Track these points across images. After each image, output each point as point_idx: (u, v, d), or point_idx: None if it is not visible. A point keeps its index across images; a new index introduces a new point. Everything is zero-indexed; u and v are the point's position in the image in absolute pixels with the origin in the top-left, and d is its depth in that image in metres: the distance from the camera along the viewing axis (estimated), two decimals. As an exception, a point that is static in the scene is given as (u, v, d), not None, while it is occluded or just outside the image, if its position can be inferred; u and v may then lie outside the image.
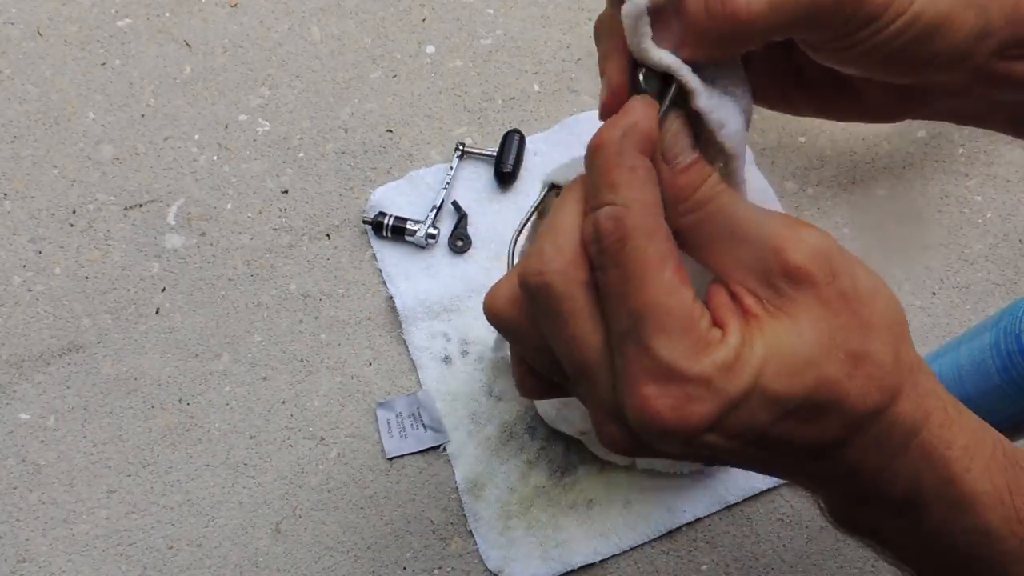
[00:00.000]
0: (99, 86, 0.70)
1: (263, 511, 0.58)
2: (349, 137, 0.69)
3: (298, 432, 0.60)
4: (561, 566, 0.56)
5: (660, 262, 0.26)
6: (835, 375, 0.26)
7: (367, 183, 0.67)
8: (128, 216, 0.66)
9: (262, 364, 0.61)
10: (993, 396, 0.47)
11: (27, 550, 0.57)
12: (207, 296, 0.63)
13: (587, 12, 0.73)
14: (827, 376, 0.26)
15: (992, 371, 0.47)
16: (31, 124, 0.69)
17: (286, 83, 0.71)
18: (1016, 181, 0.68)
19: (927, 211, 0.67)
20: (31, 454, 0.59)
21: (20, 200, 0.66)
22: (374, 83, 0.71)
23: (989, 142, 0.69)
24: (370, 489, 0.58)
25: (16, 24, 0.72)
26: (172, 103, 0.70)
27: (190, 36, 0.72)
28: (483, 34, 0.73)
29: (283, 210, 0.66)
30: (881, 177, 0.67)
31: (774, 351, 0.26)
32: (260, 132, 0.69)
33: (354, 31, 0.73)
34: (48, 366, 0.61)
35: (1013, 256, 0.65)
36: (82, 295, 0.63)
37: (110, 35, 0.72)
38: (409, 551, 0.57)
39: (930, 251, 0.65)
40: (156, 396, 0.60)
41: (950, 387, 0.50)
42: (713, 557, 0.56)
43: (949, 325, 0.63)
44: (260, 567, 0.56)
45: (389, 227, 0.64)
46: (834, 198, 0.66)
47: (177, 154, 0.68)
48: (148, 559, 0.56)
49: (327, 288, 0.64)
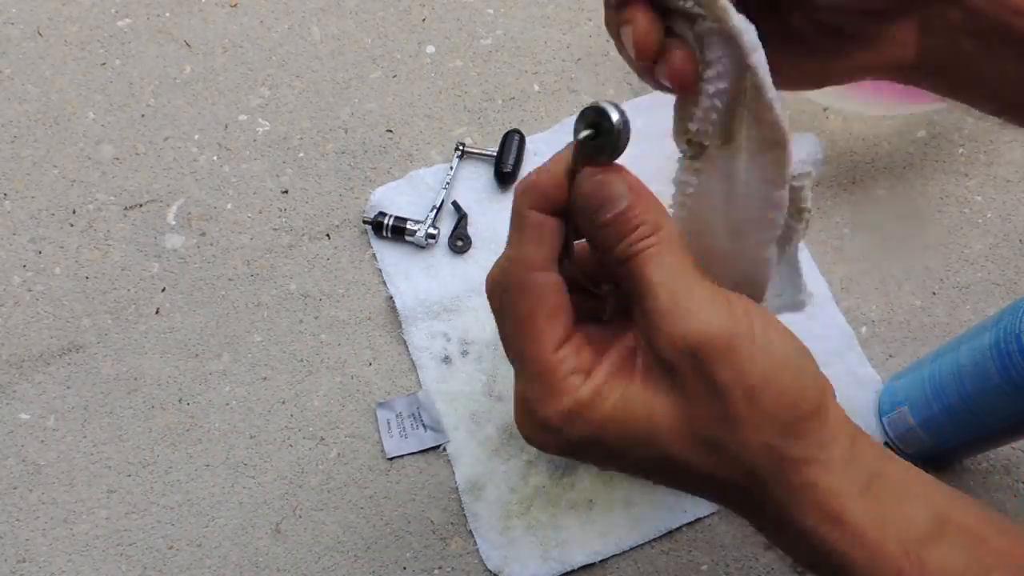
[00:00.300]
0: (99, 86, 0.70)
1: (263, 511, 0.58)
2: (349, 137, 0.69)
3: (298, 432, 0.60)
4: (561, 566, 0.56)
5: (529, 315, 0.29)
6: (679, 455, 0.28)
7: (367, 183, 0.67)
8: (128, 216, 0.66)
9: (262, 364, 0.61)
10: (992, 396, 0.47)
11: (27, 550, 0.57)
12: (207, 296, 0.63)
13: (587, 12, 0.73)
14: (670, 455, 0.28)
15: (992, 371, 0.47)
16: (31, 124, 0.69)
17: (286, 83, 0.71)
18: (1016, 181, 0.68)
19: (927, 211, 0.67)
20: (31, 454, 0.59)
21: (20, 200, 0.66)
22: (374, 83, 0.71)
23: (989, 142, 0.69)
24: (370, 489, 0.58)
25: (16, 24, 0.72)
26: (172, 103, 0.70)
27: (190, 36, 0.72)
28: (483, 34, 0.73)
29: (283, 210, 0.66)
30: (881, 177, 0.67)
31: (622, 414, 0.28)
32: (260, 132, 0.69)
33: (354, 31, 0.73)
34: (48, 366, 0.61)
35: (1013, 256, 0.65)
36: (82, 295, 0.63)
37: (110, 35, 0.72)
38: (409, 551, 0.57)
39: (930, 251, 0.65)
40: (156, 396, 0.60)
41: (950, 387, 0.50)
42: (713, 557, 0.56)
43: (949, 325, 0.63)
44: (260, 567, 0.56)
45: (389, 227, 0.64)
46: (834, 198, 0.66)
47: (177, 154, 0.68)
48: (148, 559, 0.56)
49: (327, 288, 0.64)
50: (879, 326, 0.63)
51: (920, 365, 0.56)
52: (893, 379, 0.59)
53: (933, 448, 0.55)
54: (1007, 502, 0.58)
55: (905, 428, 0.56)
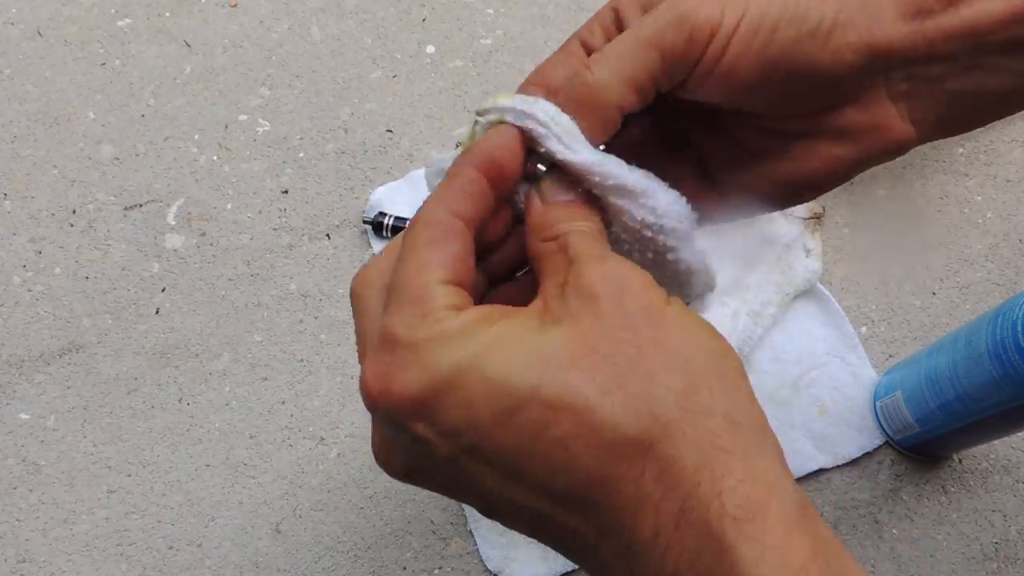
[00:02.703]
0: (99, 86, 0.70)
1: (263, 511, 0.58)
2: (349, 137, 0.69)
3: (298, 432, 0.60)
4: (561, 566, 0.56)
5: (426, 245, 0.25)
6: (580, 385, 0.22)
7: (367, 183, 0.67)
8: (128, 216, 0.66)
9: (262, 364, 0.61)
10: (987, 387, 0.48)
11: (27, 550, 0.57)
12: (207, 296, 0.63)
13: (587, 12, 0.73)
14: (568, 382, 0.22)
15: (986, 360, 0.47)
16: (31, 124, 0.69)
17: (286, 83, 0.71)
18: (1016, 181, 0.68)
19: (927, 211, 0.67)
20: (31, 454, 0.59)
21: (20, 200, 0.66)
22: (374, 83, 0.71)
23: (989, 142, 0.69)
24: (370, 489, 0.58)
25: (16, 24, 0.72)
26: (172, 103, 0.70)
27: (190, 36, 0.72)
28: (483, 34, 0.73)
29: (283, 210, 0.66)
30: (881, 177, 0.67)
31: (509, 339, 0.23)
32: (260, 132, 0.69)
33: (354, 31, 0.73)
34: (48, 366, 0.61)
35: (1013, 256, 0.65)
36: (82, 295, 0.63)
37: (110, 35, 0.72)
38: (409, 551, 0.57)
39: (930, 251, 0.65)
40: (156, 396, 0.60)
41: (946, 377, 0.51)
42: (713, 557, 0.56)
43: (949, 325, 0.63)
44: (260, 567, 0.56)
45: (389, 227, 0.64)
46: (834, 198, 0.66)
47: (177, 154, 0.68)
48: (148, 559, 0.56)
49: (327, 288, 0.64)
50: (879, 326, 0.63)
51: (917, 356, 0.56)
52: (890, 371, 0.60)
53: (924, 435, 0.55)
54: (1007, 502, 0.58)
55: (898, 415, 0.56)
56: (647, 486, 0.22)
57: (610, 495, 0.23)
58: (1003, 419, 0.49)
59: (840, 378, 0.61)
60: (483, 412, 0.23)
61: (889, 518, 0.58)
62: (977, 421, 0.51)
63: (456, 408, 0.23)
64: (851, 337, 0.62)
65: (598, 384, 0.23)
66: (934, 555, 0.58)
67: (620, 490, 0.22)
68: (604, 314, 0.24)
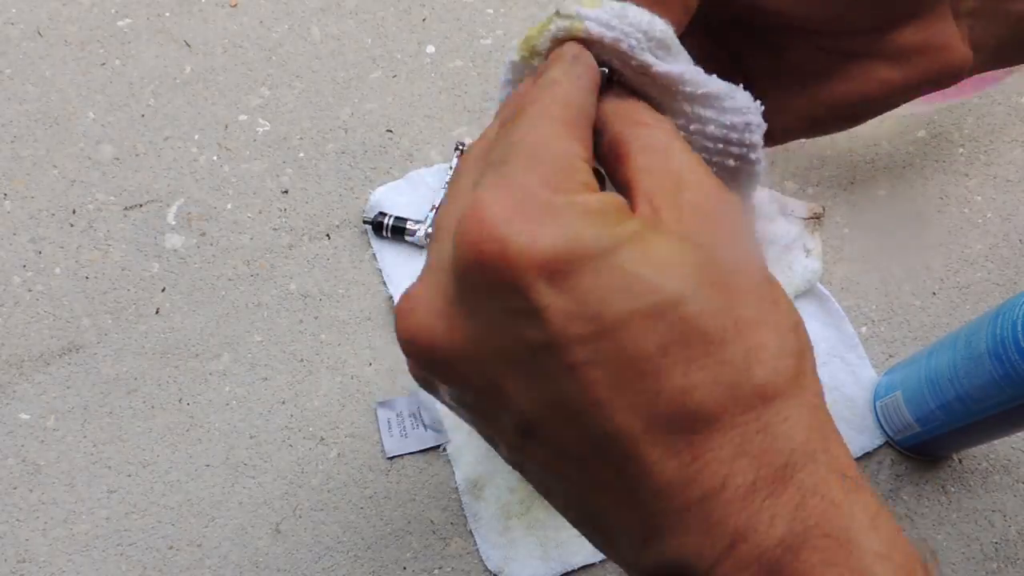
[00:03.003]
0: (99, 86, 0.70)
1: (263, 511, 0.58)
2: (349, 137, 0.69)
3: (298, 432, 0.60)
4: (561, 566, 0.56)
5: (563, 121, 0.22)
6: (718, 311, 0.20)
7: (367, 183, 0.67)
8: (128, 216, 0.66)
9: (262, 364, 0.61)
10: (987, 387, 0.48)
11: (27, 550, 0.57)
12: (207, 296, 0.63)
13: (587, 12, 0.73)
14: (706, 305, 0.20)
15: (986, 360, 0.48)
16: (31, 124, 0.69)
17: (286, 83, 0.71)
18: (1016, 181, 0.68)
19: (927, 211, 0.67)
20: (31, 454, 0.59)
21: (20, 200, 0.66)
22: (374, 83, 0.71)
23: (989, 142, 0.69)
24: (370, 489, 0.58)
25: (16, 24, 0.72)
26: (172, 103, 0.70)
27: (190, 36, 0.72)
28: (483, 34, 0.73)
29: (283, 210, 0.66)
30: (881, 177, 0.67)
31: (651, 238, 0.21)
32: (260, 132, 0.69)
33: (354, 31, 0.73)
34: (48, 366, 0.61)
35: (1013, 256, 0.65)
36: (82, 295, 0.63)
37: (110, 35, 0.72)
38: (409, 551, 0.57)
39: (930, 251, 0.65)
40: (156, 396, 0.60)
41: (946, 377, 0.51)
42: (713, 557, 0.56)
43: (949, 325, 0.63)
44: (260, 567, 0.56)
45: (389, 227, 0.64)
46: (834, 198, 0.66)
47: (177, 154, 0.68)
48: (148, 559, 0.56)
49: (327, 288, 0.64)
50: (879, 326, 0.63)
51: (918, 356, 0.56)
52: (890, 371, 0.60)
53: (924, 435, 0.56)
54: (1007, 502, 0.58)
55: (898, 415, 0.56)
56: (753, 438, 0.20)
57: (713, 435, 0.20)
58: (1003, 419, 0.49)
59: (840, 378, 0.61)
60: (622, 304, 0.19)
61: (889, 518, 0.58)
62: (977, 421, 0.51)
63: (594, 289, 0.19)
64: (851, 337, 0.62)
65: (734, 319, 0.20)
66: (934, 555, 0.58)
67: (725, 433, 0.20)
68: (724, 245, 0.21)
